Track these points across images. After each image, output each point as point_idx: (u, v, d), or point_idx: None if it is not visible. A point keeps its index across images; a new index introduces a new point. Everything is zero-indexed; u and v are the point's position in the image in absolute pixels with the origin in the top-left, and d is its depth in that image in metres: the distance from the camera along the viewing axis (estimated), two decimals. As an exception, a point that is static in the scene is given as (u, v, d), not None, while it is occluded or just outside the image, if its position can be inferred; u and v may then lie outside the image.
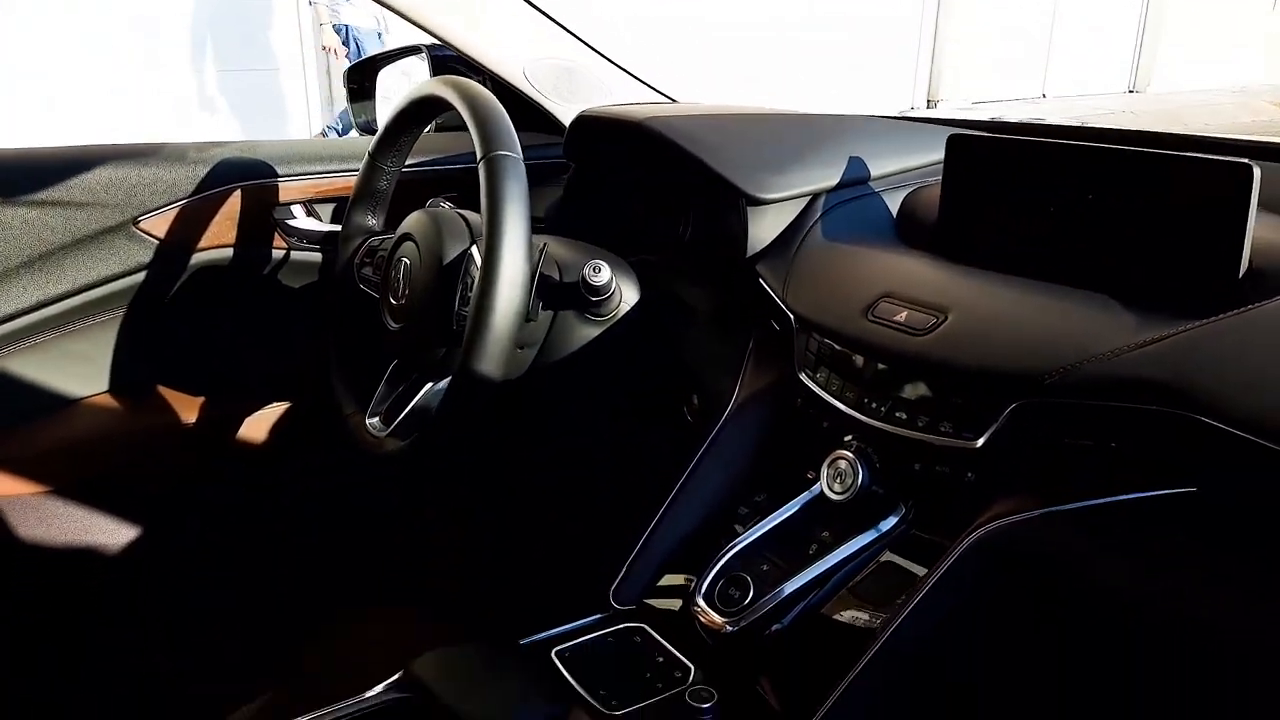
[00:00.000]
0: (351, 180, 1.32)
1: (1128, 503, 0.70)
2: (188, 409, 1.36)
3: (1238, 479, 0.65)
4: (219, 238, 1.34)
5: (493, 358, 0.92)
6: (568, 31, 1.38)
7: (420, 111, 1.13)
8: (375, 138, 1.19)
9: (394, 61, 1.67)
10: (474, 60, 1.35)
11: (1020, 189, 0.90)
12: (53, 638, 1.30)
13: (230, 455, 1.39)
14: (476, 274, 0.96)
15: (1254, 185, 0.74)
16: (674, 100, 1.43)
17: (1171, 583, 0.65)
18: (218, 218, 1.33)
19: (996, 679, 0.80)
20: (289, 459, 1.42)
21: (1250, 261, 0.76)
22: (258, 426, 1.39)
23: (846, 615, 0.80)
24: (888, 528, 0.84)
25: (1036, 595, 0.72)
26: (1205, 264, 0.77)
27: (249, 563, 1.28)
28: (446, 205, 1.18)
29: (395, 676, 0.81)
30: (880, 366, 0.85)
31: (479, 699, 0.75)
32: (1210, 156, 0.78)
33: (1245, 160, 0.75)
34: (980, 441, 0.77)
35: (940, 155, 0.98)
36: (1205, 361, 0.67)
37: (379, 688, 0.81)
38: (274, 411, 1.40)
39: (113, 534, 1.34)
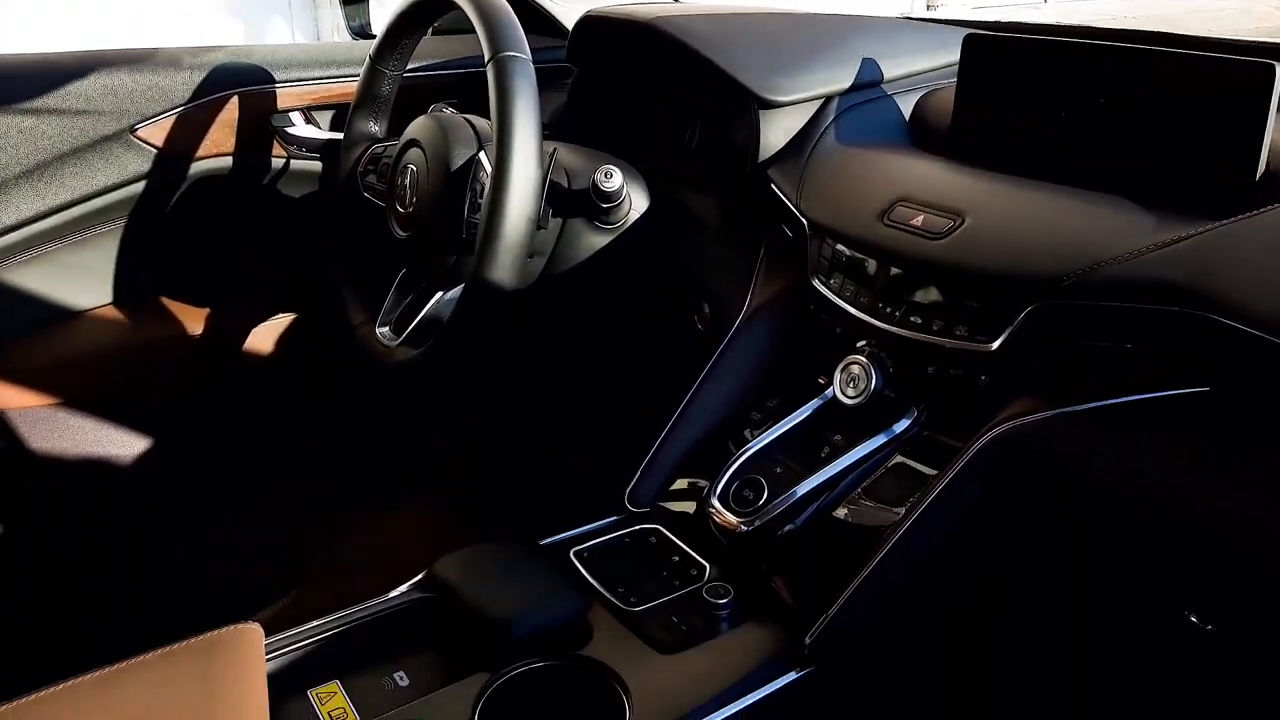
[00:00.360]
0: (350, 86, 1.30)
1: (1141, 403, 0.71)
2: (192, 320, 1.35)
3: (1251, 378, 0.66)
4: (217, 146, 1.32)
5: (506, 265, 0.91)
6: None
7: (423, 12, 1.10)
8: (376, 41, 1.16)
9: (387, -38, 1.61)
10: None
11: (1037, 90, 0.88)
12: (66, 546, 1.32)
13: (236, 366, 1.39)
14: (486, 180, 0.94)
15: (1275, 84, 0.74)
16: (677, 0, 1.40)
17: (1183, 481, 0.66)
18: (215, 125, 1.30)
19: (1005, 578, 0.82)
20: (296, 370, 1.42)
21: (1267, 164, 0.76)
22: (263, 337, 1.39)
23: (859, 516, 0.82)
24: (900, 430, 0.85)
25: (1048, 496, 0.73)
26: (1223, 165, 0.76)
27: (259, 473, 1.30)
28: (449, 111, 1.15)
29: (418, 577, 0.83)
30: (895, 271, 0.85)
31: (501, 596, 0.77)
32: (1231, 56, 0.76)
33: (1266, 60, 0.74)
34: (995, 344, 0.77)
35: (953, 58, 0.96)
36: (1222, 262, 0.67)
37: (403, 588, 0.83)
38: (279, 323, 1.40)
39: (121, 445, 1.35)
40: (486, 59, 0.92)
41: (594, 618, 0.79)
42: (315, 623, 0.79)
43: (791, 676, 0.74)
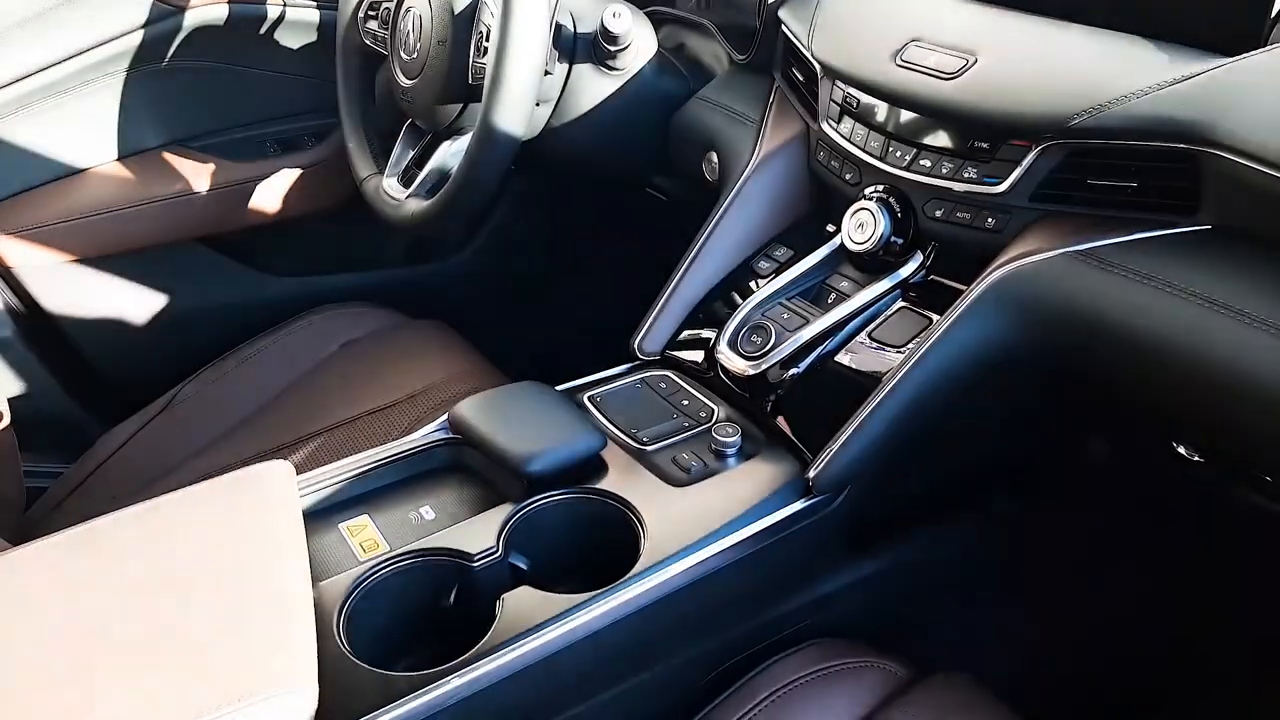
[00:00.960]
0: None
1: (1144, 241, 0.72)
2: (197, 175, 1.35)
3: (1256, 216, 0.67)
4: None
5: (515, 111, 0.91)
6: None
7: None
8: None
9: None
10: None
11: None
12: (86, 401, 1.36)
13: (248, 221, 1.39)
14: (492, 22, 0.93)
15: None
16: None
17: (1184, 317, 0.68)
18: None
19: (1003, 420, 0.85)
20: (305, 222, 1.43)
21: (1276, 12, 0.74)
22: (273, 189, 1.39)
23: (863, 359, 0.85)
24: (907, 274, 0.86)
25: (1052, 336, 0.75)
26: (1237, 3, 0.75)
27: (277, 307, 1.32)
28: None
29: (440, 418, 0.87)
30: (907, 113, 0.84)
31: (520, 435, 0.80)
32: None
33: None
34: (1003, 186, 0.78)
35: None
36: (1230, 99, 0.67)
37: (427, 428, 0.87)
38: (289, 175, 1.40)
39: (140, 302, 1.37)
40: None
41: (608, 455, 0.83)
42: (343, 461, 0.83)
43: (796, 507, 0.78)
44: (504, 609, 0.69)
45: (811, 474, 0.79)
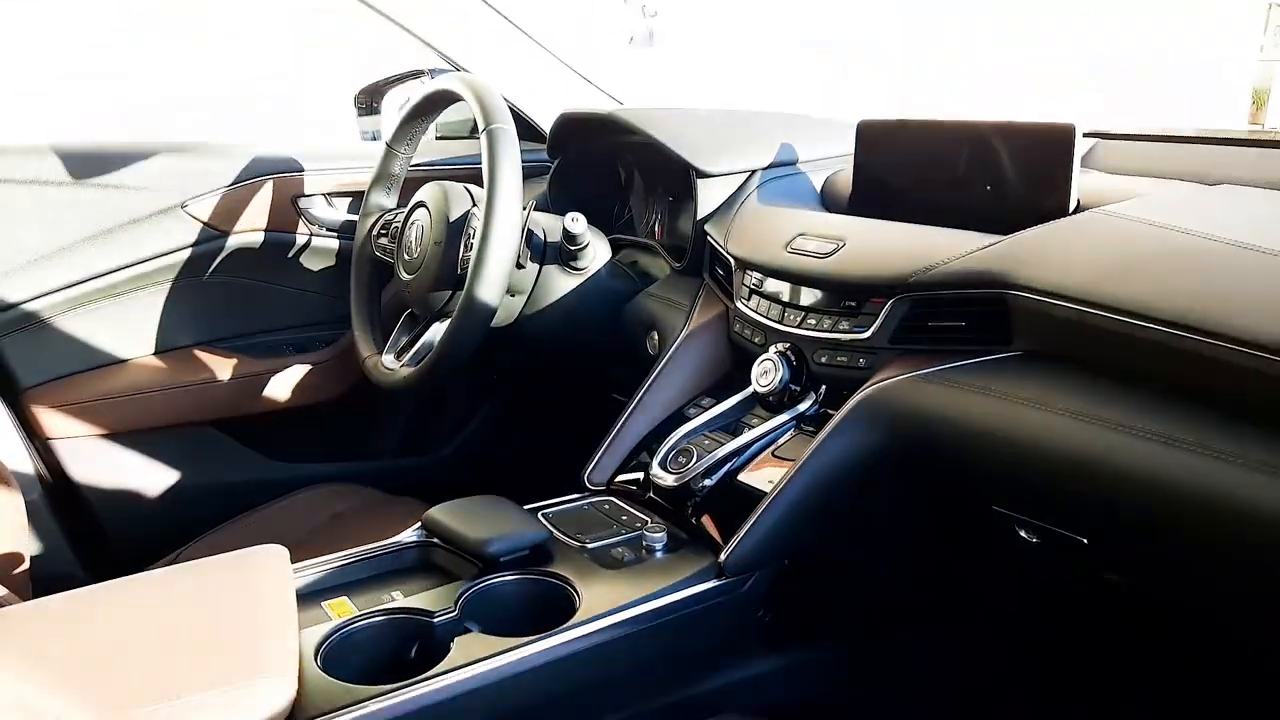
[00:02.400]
0: (365, 178, 1.57)
1: (973, 364, 0.93)
2: (222, 368, 1.57)
3: (1051, 339, 0.89)
4: (252, 222, 1.58)
5: (490, 286, 1.15)
6: (544, 48, 1.63)
7: (433, 102, 1.38)
8: (394, 128, 1.43)
9: (400, 84, 1.92)
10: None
11: (910, 159, 1.15)
12: (98, 561, 1.49)
13: (258, 409, 1.60)
14: (477, 225, 1.19)
15: (1076, 140, 0.99)
16: (621, 103, 1.69)
17: (1004, 412, 0.87)
18: (252, 204, 1.57)
19: (872, 507, 1.02)
20: (308, 412, 1.64)
21: (1078, 201, 1.01)
22: (282, 383, 1.61)
23: (766, 471, 1.03)
24: (803, 408, 1.07)
25: (905, 436, 0.94)
26: (1043, 204, 1.01)
27: (275, 486, 1.49)
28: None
29: (416, 525, 1.03)
30: (795, 286, 1.09)
31: (480, 527, 0.96)
32: (1043, 123, 1.03)
33: (1068, 123, 1.00)
34: (869, 333, 1.00)
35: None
36: (1025, 253, 0.91)
37: (404, 533, 1.02)
38: (297, 371, 1.62)
39: (155, 474, 1.54)
40: (481, 129, 1.18)
41: (555, 550, 0.99)
42: (329, 555, 0.98)
43: (710, 584, 0.93)
44: (456, 646, 0.83)
45: (723, 558, 0.95)
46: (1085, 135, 1.17)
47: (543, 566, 0.95)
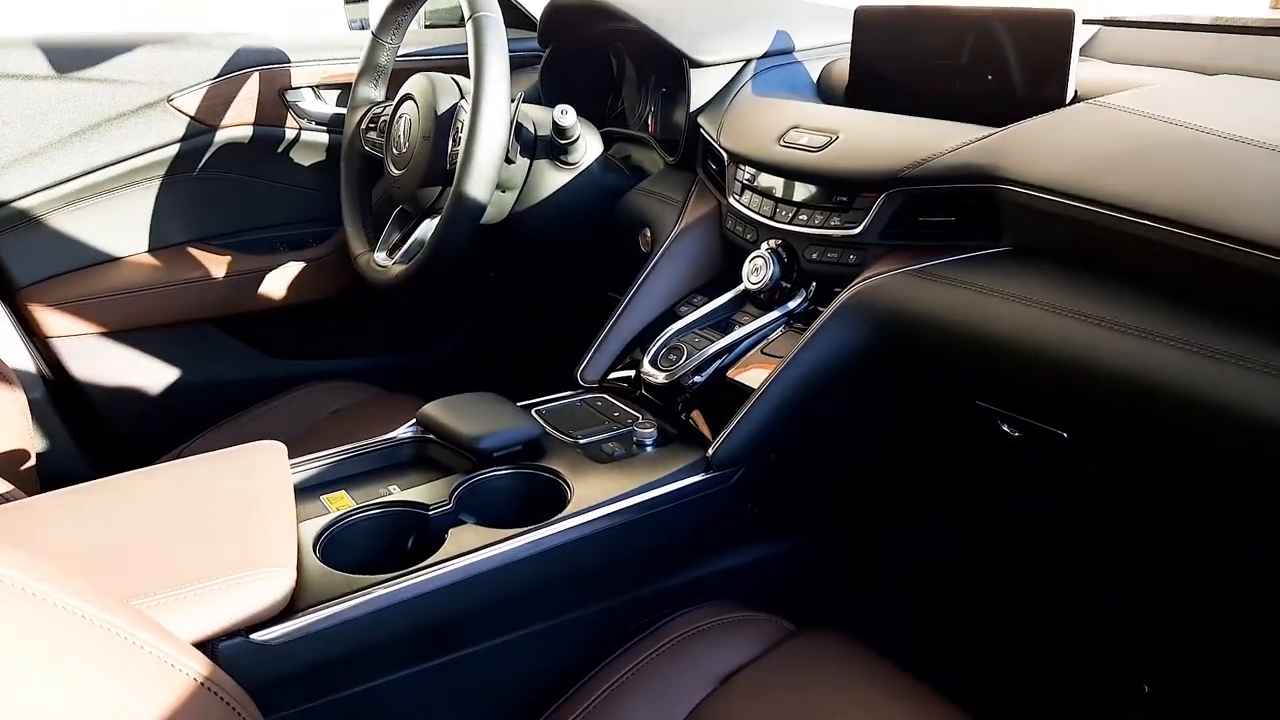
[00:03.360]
0: (353, 69, 1.53)
1: (962, 260, 0.93)
2: (215, 265, 1.57)
3: (1039, 233, 0.88)
4: (240, 116, 1.55)
5: (479, 182, 1.14)
6: None
7: None
8: (380, 18, 1.40)
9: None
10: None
11: (907, 47, 1.12)
12: (102, 457, 1.52)
13: (254, 306, 1.61)
14: (465, 118, 1.17)
15: (1075, 25, 0.96)
16: None
17: (988, 307, 0.88)
18: (239, 98, 1.54)
19: (858, 403, 1.04)
20: (304, 309, 1.64)
21: (1075, 91, 0.99)
22: (278, 280, 1.61)
23: (755, 368, 1.04)
24: (793, 305, 1.07)
25: (893, 331, 0.95)
26: (1040, 93, 0.99)
27: (274, 384, 1.51)
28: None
29: (411, 421, 1.05)
30: (787, 181, 1.07)
31: (472, 423, 0.98)
32: (1041, 9, 1.00)
33: (1067, 9, 0.98)
34: (859, 229, 1.00)
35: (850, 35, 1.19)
36: (1015, 147, 0.89)
37: (400, 429, 1.04)
38: (292, 268, 1.62)
39: (154, 372, 1.56)
40: (466, 17, 1.15)
41: (547, 446, 1.00)
42: (327, 451, 1.00)
43: (697, 478, 0.95)
44: (450, 538, 0.85)
45: (710, 452, 0.97)
46: (1086, 21, 1.14)
47: (535, 461, 0.97)
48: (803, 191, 1.06)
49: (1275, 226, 0.69)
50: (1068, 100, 0.98)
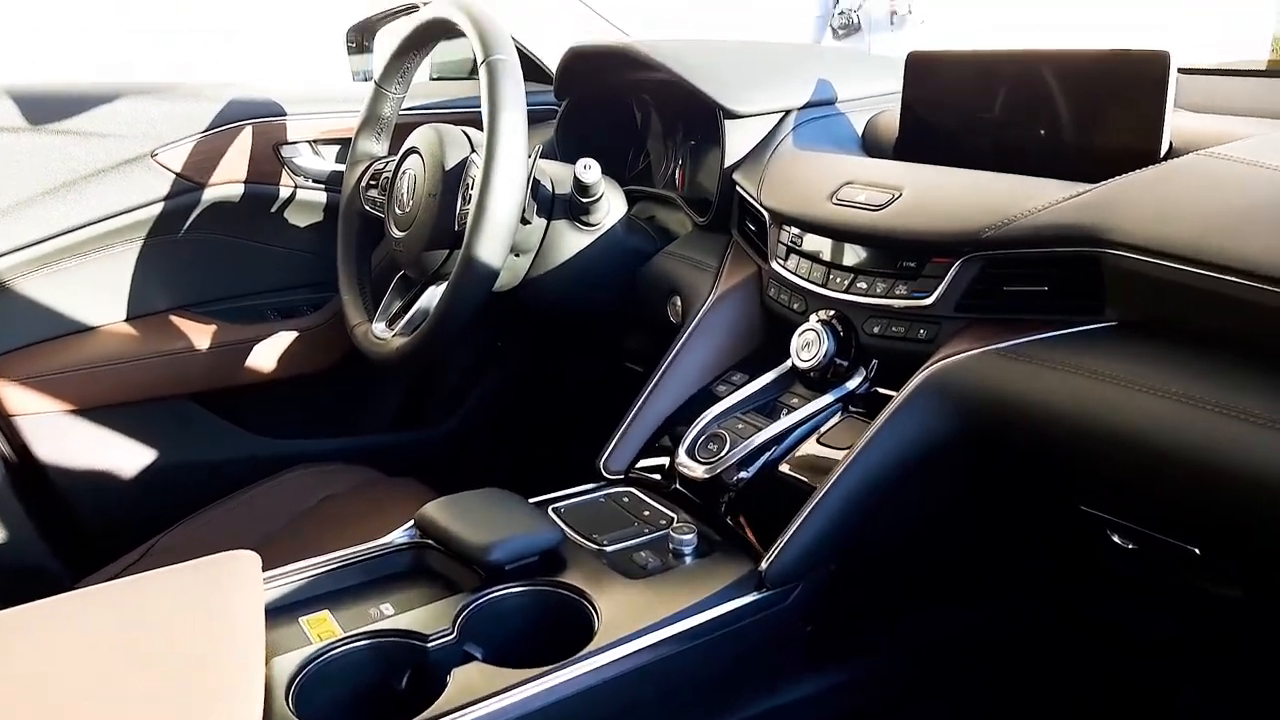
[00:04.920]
0: (353, 123, 1.41)
1: (1058, 337, 0.78)
2: (199, 335, 1.44)
3: (1152, 306, 0.74)
4: (230, 173, 1.43)
5: (492, 245, 1.00)
6: None
7: (425, 34, 1.22)
8: (382, 66, 1.28)
9: (391, 21, 1.76)
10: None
11: (969, 96, 0.99)
12: (71, 549, 1.37)
13: (240, 380, 1.47)
14: (477, 173, 1.04)
15: (1170, 70, 0.84)
16: (628, 36, 1.53)
17: (1100, 395, 0.73)
18: (229, 153, 1.41)
19: (936, 505, 0.89)
20: (295, 384, 1.50)
21: (1170, 143, 0.85)
22: (268, 351, 1.47)
23: (811, 461, 0.89)
24: (852, 386, 0.92)
25: (979, 422, 0.80)
26: (1130, 147, 0.86)
27: (261, 465, 1.36)
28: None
29: (408, 524, 0.90)
30: (843, 243, 0.94)
31: (482, 529, 0.83)
32: (1130, 49, 0.87)
33: (1161, 49, 0.85)
34: (931, 299, 0.86)
35: (897, 85, 1.07)
36: (1120, 203, 0.76)
37: (394, 533, 0.89)
38: (283, 339, 1.48)
39: (128, 453, 1.41)
40: (479, 62, 1.03)
41: (567, 554, 0.85)
42: (309, 560, 0.85)
43: (749, 599, 0.80)
44: (454, 681, 0.70)
45: (763, 567, 0.81)
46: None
47: (554, 576, 0.82)
48: (860, 255, 0.93)
49: None
50: (1162, 153, 0.85)
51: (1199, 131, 0.86)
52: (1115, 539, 0.80)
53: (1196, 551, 0.74)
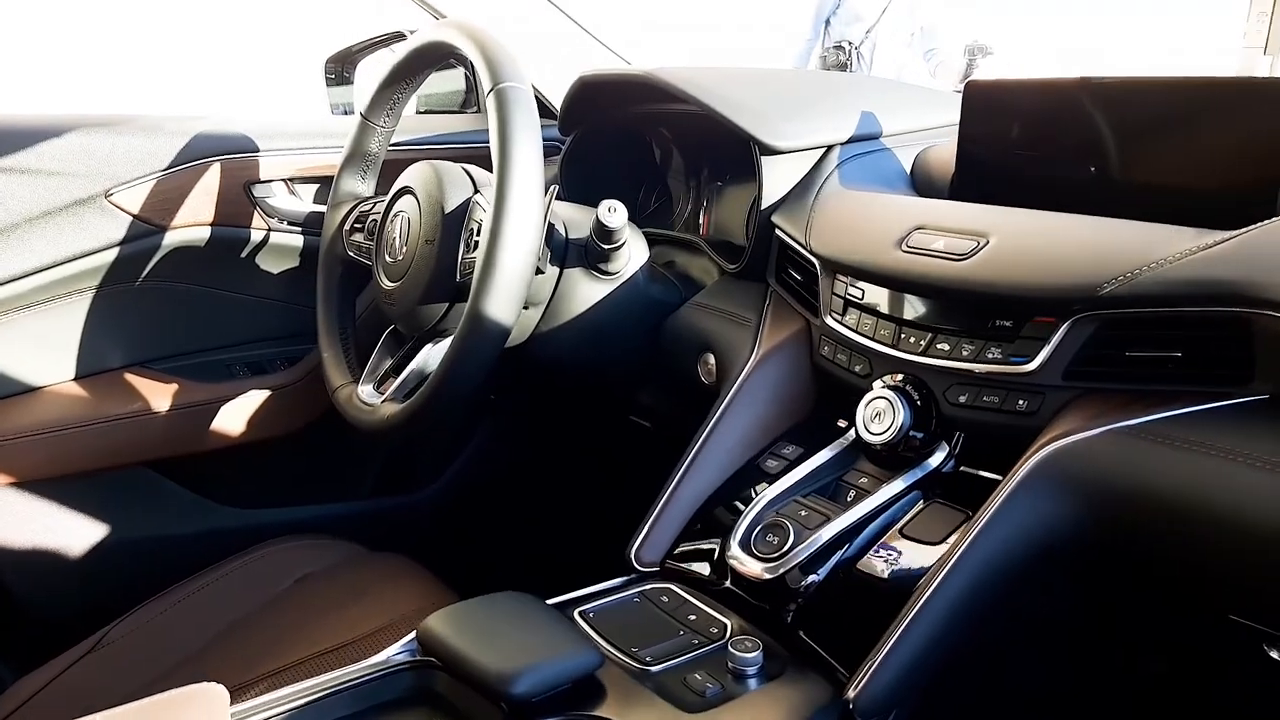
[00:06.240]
0: (334, 160, 1.27)
1: (1197, 413, 0.66)
2: (158, 397, 1.28)
3: None
4: (195, 215, 1.28)
5: (504, 299, 0.86)
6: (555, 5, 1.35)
7: (421, 60, 1.08)
8: (369, 97, 1.14)
9: (374, 50, 1.62)
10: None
11: (1042, 130, 0.87)
12: (4, 641, 1.20)
13: (205, 445, 1.31)
14: (484, 219, 0.90)
15: None
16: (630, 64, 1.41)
17: (1248, 486, 0.61)
18: (195, 193, 1.26)
19: (1055, 612, 0.75)
20: (266, 448, 1.34)
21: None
22: (236, 413, 1.31)
23: (895, 560, 0.75)
24: (934, 465, 0.79)
25: (1109, 517, 0.67)
26: (1253, 186, 0.74)
27: (229, 540, 1.20)
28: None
29: (407, 637, 0.74)
30: (917, 297, 0.81)
31: (501, 651, 0.68)
32: (1259, 78, 0.76)
33: None
34: (1034, 364, 0.73)
35: (948, 117, 0.95)
36: (1271, 255, 0.64)
37: (390, 649, 0.74)
38: (254, 398, 1.33)
39: (76, 531, 1.25)
40: (486, 90, 0.89)
41: (606, 677, 0.70)
42: (286, 690, 0.69)
43: None
44: None
45: (851, 694, 0.67)
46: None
47: (593, 710, 0.66)
48: (941, 311, 0.79)
49: None
50: None
51: None
52: (1273, 654, 0.67)
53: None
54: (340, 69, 1.64)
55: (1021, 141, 0.90)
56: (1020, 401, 0.74)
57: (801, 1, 4.15)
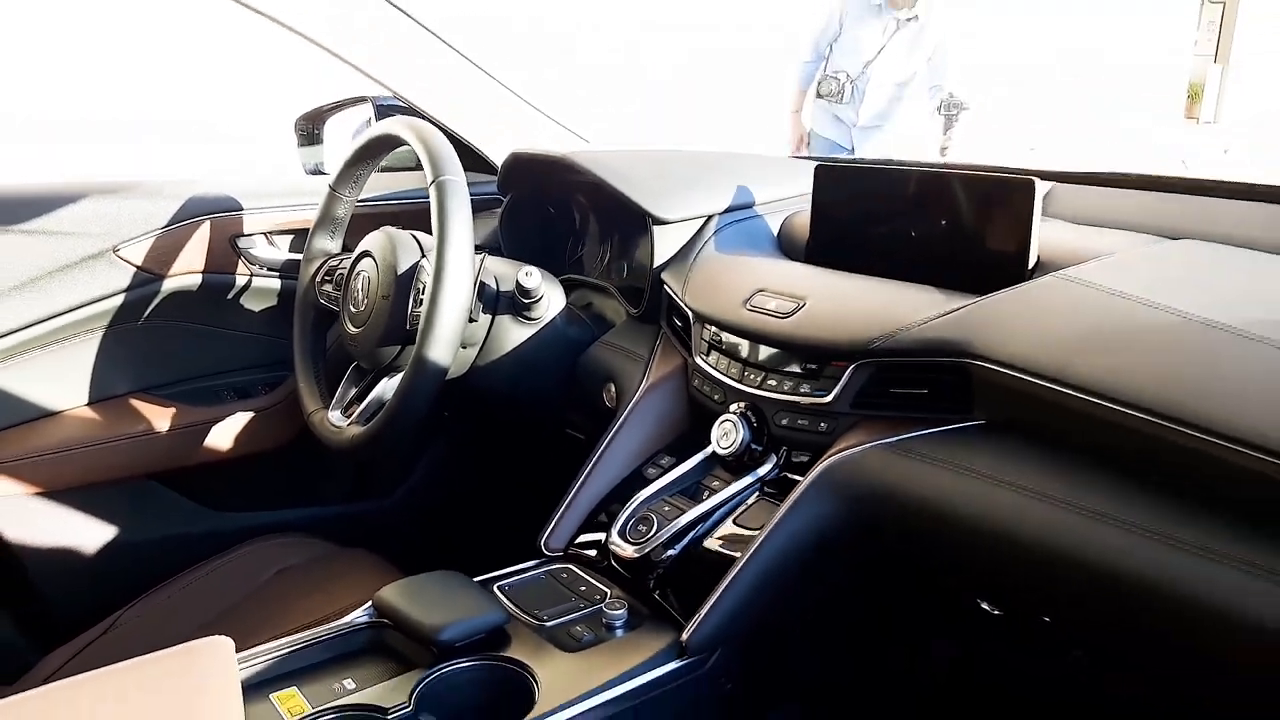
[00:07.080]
0: (306, 215, 1.51)
1: (936, 434, 0.91)
2: (161, 418, 1.51)
3: (1012, 411, 0.87)
4: (189, 265, 1.51)
5: (442, 346, 1.11)
6: (497, 81, 1.59)
7: (378, 146, 1.33)
8: (336, 171, 1.38)
9: (341, 111, 1.86)
10: (415, 107, 1.55)
11: (869, 206, 1.13)
12: (33, 625, 1.43)
13: (200, 459, 1.54)
14: (428, 280, 1.15)
15: (1036, 194, 0.98)
16: (587, 140, 1.66)
17: (969, 490, 0.86)
18: (188, 246, 1.50)
19: (835, 577, 1.00)
20: (251, 461, 1.58)
21: (1038, 257, 1.00)
22: (225, 431, 1.55)
23: (729, 541, 1.00)
24: (763, 472, 1.04)
25: (870, 511, 0.93)
26: (1003, 259, 1.00)
27: (220, 539, 1.43)
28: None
29: (366, 605, 0.99)
30: (755, 345, 1.06)
31: (431, 610, 0.93)
32: (1001, 174, 1.02)
33: (1029, 176, 0.99)
34: (830, 397, 0.98)
35: (809, 187, 1.20)
36: (987, 322, 0.89)
37: (355, 613, 0.98)
38: (240, 418, 1.56)
39: (91, 533, 1.48)
40: (429, 181, 1.14)
41: (512, 631, 0.95)
42: (277, 641, 0.94)
43: (672, 665, 0.91)
44: None
45: (684, 636, 0.92)
46: (1044, 178, 1.16)
47: (500, 651, 0.92)
48: (771, 356, 1.05)
49: (1257, 424, 0.68)
50: (1030, 267, 0.99)
51: (1066, 246, 1.00)
52: (983, 605, 0.93)
53: (1046, 620, 0.86)
54: (310, 127, 1.87)
55: (854, 215, 1.15)
56: (822, 424, 1.00)
57: (801, 5, 4.14)
